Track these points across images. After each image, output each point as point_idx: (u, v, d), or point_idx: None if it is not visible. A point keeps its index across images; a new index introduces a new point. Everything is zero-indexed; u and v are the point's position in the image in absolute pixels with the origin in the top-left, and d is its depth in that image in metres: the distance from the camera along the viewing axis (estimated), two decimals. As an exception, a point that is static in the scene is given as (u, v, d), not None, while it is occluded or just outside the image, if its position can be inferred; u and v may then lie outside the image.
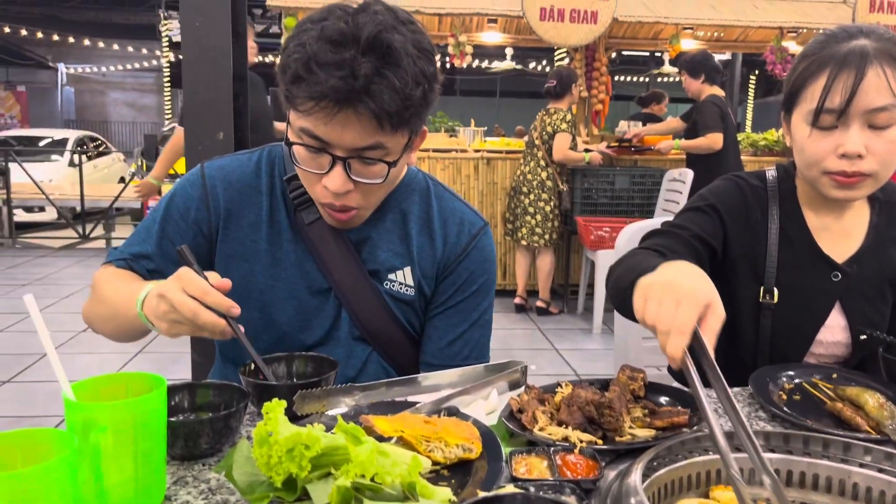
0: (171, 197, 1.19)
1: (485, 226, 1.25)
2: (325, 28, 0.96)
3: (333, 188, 1.02)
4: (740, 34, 6.03)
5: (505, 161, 5.29)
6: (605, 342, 4.43)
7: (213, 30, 2.61)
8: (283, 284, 1.17)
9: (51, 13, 19.25)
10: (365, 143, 0.99)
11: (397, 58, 0.95)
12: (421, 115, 1.02)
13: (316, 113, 0.96)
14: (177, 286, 0.92)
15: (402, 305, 1.20)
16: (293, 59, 0.96)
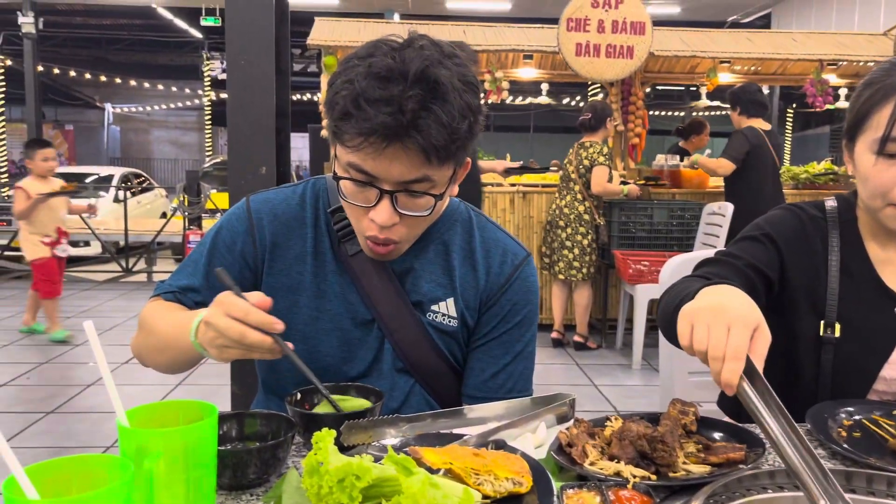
0: (218, 230, 1.21)
1: (527, 256, 1.25)
2: (373, 64, 0.96)
3: (380, 221, 1.02)
4: (778, 67, 5.98)
5: (541, 195, 5.28)
6: (646, 378, 4.35)
7: (257, 67, 2.68)
8: (327, 316, 1.17)
9: (99, 55, 20.00)
10: (412, 176, 0.99)
11: (444, 92, 0.96)
12: (466, 147, 1.03)
13: (365, 148, 0.97)
14: (219, 311, 0.92)
15: (445, 337, 1.19)
16: (341, 96, 0.97)
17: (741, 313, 0.82)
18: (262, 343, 0.91)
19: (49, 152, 5.08)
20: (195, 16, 13.60)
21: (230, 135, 2.72)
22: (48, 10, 14.20)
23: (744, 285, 1.19)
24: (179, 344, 1.03)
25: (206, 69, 16.64)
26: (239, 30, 2.61)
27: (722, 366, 0.78)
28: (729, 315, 0.82)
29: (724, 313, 0.82)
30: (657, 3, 11.93)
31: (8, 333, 5.14)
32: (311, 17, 5.49)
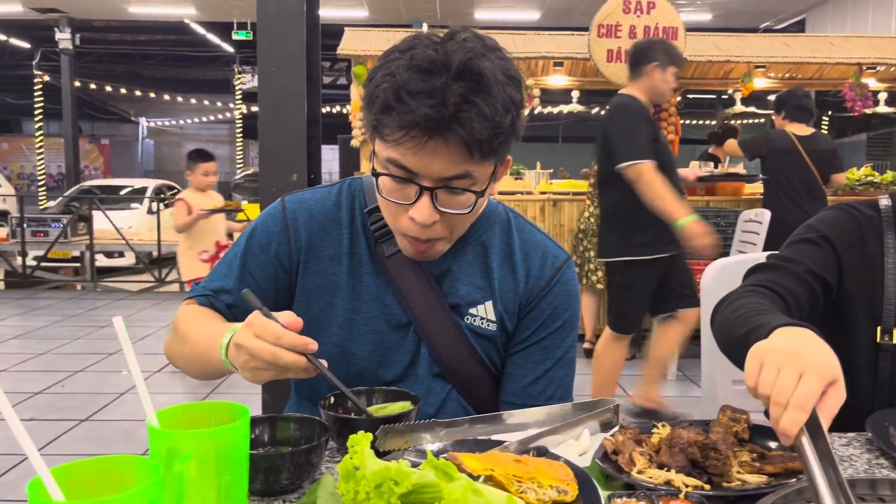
0: (252, 231, 1.19)
1: (568, 259, 1.21)
2: (415, 56, 0.94)
3: (420, 219, 0.99)
4: (815, 72, 5.86)
5: (571, 203, 5.22)
6: (682, 389, 4.25)
7: (288, 75, 2.68)
8: (362, 318, 1.14)
9: (134, 70, 20.41)
10: (453, 172, 0.97)
11: (487, 85, 0.93)
12: (508, 142, 1.00)
13: (405, 142, 0.94)
14: (250, 333, 0.90)
15: (483, 341, 1.16)
16: (382, 89, 0.95)
17: (818, 362, 0.77)
18: (296, 364, 0.89)
19: (210, 166, 4.76)
20: (227, 30, 13.82)
21: (262, 142, 2.73)
22: (85, 27, 14.52)
23: (804, 292, 1.13)
24: (210, 357, 1.01)
25: (237, 83, 16.89)
26: (270, 36, 2.62)
27: (783, 413, 0.74)
28: (804, 362, 0.77)
29: (799, 359, 0.77)
30: (688, 10, 11.82)
31: (44, 342, 5.22)
32: (340, 30, 5.52)
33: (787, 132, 4.41)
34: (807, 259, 1.17)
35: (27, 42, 16.38)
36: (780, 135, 4.43)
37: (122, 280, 8.26)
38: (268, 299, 1.14)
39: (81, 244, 7.66)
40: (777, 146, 4.40)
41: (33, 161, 18.96)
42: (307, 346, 0.89)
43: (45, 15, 12.94)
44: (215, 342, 0.97)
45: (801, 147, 4.36)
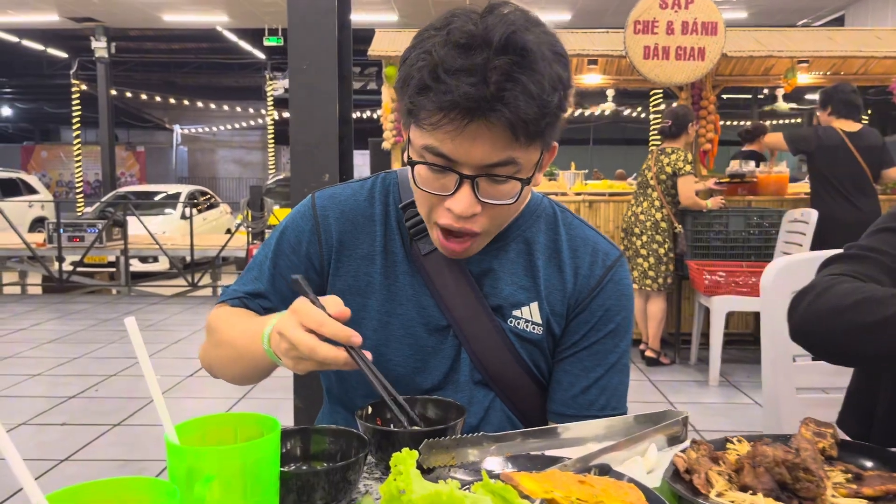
0: (282, 231, 1.12)
1: (620, 256, 1.11)
2: (452, 32, 0.86)
3: (459, 210, 0.91)
4: (860, 66, 5.65)
5: (608, 204, 5.10)
6: (725, 395, 4.10)
7: (320, 73, 2.62)
8: (398, 321, 1.06)
9: (168, 79, 20.73)
10: (496, 158, 0.88)
11: (532, 60, 0.85)
12: (555, 125, 0.91)
13: (444, 126, 0.86)
14: (293, 321, 0.83)
15: (529, 346, 1.07)
16: (417, 68, 0.87)
17: None
18: (335, 359, 0.82)
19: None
20: (258, 37, 13.93)
21: (293, 142, 2.67)
22: (120, 36, 14.75)
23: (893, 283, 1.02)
24: (252, 353, 0.94)
25: (269, 89, 17.02)
26: (301, 32, 2.56)
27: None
28: None
29: None
30: (723, 8, 11.56)
31: (78, 346, 5.24)
32: (370, 35, 5.46)
33: (835, 128, 4.25)
34: (893, 249, 1.06)
35: (65, 52, 16.70)
36: (829, 131, 4.27)
37: (156, 284, 8.31)
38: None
39: (116, 249, 7.73)
40: (826, 143, 4.25)
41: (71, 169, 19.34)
42: (350, 338, 0.83)
43: (80, 24, 13.17)
44: (257, 335, 0.91)
45: (851, 143, 4.20)
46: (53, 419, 3.63)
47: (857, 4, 11.66)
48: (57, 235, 7.52)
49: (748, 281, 4.21)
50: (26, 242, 7.57)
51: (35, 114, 25.58)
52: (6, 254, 7.88)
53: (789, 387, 1.48)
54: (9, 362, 4.78)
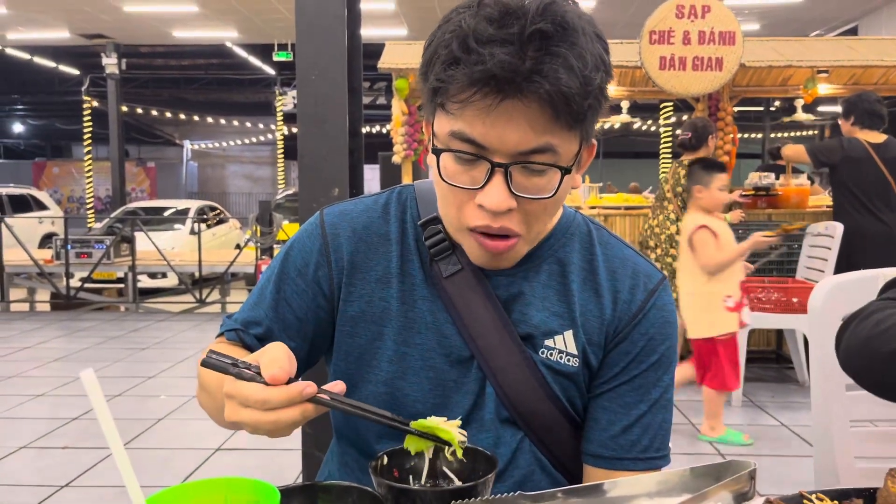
0: (288, 251, 1.00)
1: (663, 279, 0.99)
2: (484, 4, 0.78)
3: (492, 204, 0.81)
4: (881, 76, 5.52)
5: (624, 218, 4.98)
6: (749, 416, 3.95)
7: (329, 84, 2.52)
8: (416, 351, 0.94)
9: (178, 94, 20.83)
10: (533, 143, 0.79)
11: (573, 34, 0.77)
12: (598, 111, 0.82)
13: (475, 103, 0.77)
14: (237, 407, 0.72)
15: (563, 380, 0.95)
16: (444, 43, 0.78)
17: None
18: (301, 418, 0.71)
19: (724, 178, 3.39)
20: (268, 52, 13.95)
21: (301, 155, 2.57)
22: (131, 53, 14.83)
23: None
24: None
25: (278, 104, 17.07)
26: (309, 42, 2.46)
27: None
28: None
29: None
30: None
31: (83, 365, 5.12)
32: (379, 50, 5.39)
33: (859, 139, 4.10)
34: None
35: (76, 68, 16.82)
36: (854, 142, 4.11)
37: (164, 301, 8.24)
38: (307, 331, 0.97)
39: (125, 265, 7.67)
40: (851, 154, 4.08)
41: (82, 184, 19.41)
42: (302, 393, 0.71)
43: (91, 41, 13.23)
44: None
45: (876, 155, 4.05)
46: (54, 442, 3.52)
47: (871, 15, 11.56)
48: (65, 252, 7.47)
49: (770, 297, 4.08)
50: (34, 259, 7.52)
51: (47, 130, 25.78)
52: (15, 270, 7.83)
53: (843, 419, 1.35)
54: (12, 382, 4.69)
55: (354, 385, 0.96)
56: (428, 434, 0.77)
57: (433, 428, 0.77)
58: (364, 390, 0.96)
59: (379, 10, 11.03)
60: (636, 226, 4.91)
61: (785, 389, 4.42)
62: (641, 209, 5.03)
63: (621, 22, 11.76)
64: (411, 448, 0.78)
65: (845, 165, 4.12)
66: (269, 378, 0.70)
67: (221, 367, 0.72)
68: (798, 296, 4.03)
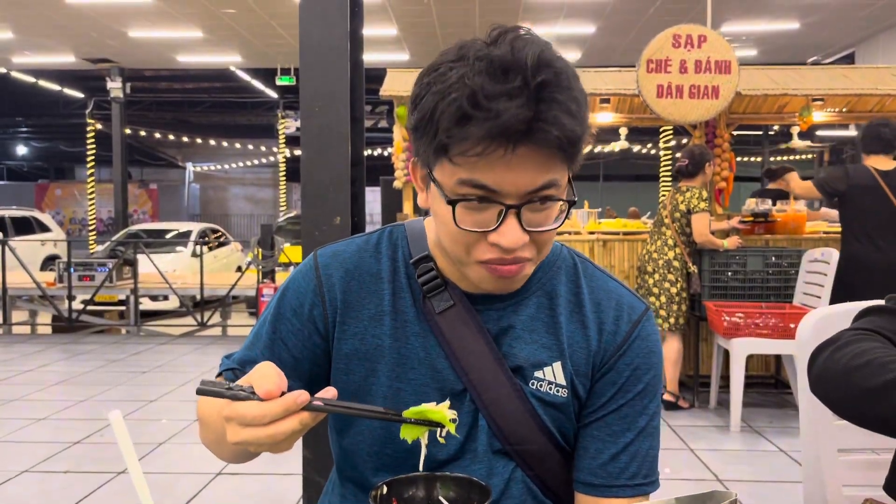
0: (284, 292, 1.04)
1: (647, 310, 1.03)
2: (478, 58, 0.82)
3: (509, 243, 0.85)
4: (875, 104, 5.60)
5: (622, 243, 5.02)
6: (747, 442, 3.96)
7: (331, 115, 2.58)
8: (410, 387, 0.98)
9: (182, 117, 21.01)
10: (540, 182, 0.84)
11: (566, 78, 0.83)
12: (584, 145, 0.88)
13: (488, 155, 0.81)
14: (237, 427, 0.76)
15: (552, 411, 0.98)
16: (450, 101, 0.81)
17: None
18: (300, 427, 0.76)
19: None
20: (270, 76, 14.12)
21: (304, 184, 2.62)
22: (135, 76, 14.99)
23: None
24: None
25: (280, 127, 17.21)
26: (313, 74, 2.53)
27: None
28: None
29: None
30: (733, 46, 11.62)
31: (85, 388, 5.17)
32: (381, 74, 5.48)
33: (867, 167, 4.08)
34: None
35: (80, 91, 16.98)
36: (860, 170, 4.09)
37: (165, 324, 8.26)
38: (303, 369, 1.00)
39: (126, 288, 7.70)
40: (857, 182, 4.05)
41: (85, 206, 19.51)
42: (297, 401, 0.75)
43: (97, 65, 13.38)
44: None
45: (884, 182, 4.02)
46: (56, 466, 3.54)
47: (867, 41, 11.70)
48: (67, 275, 7.51)
49: (768, 322, 4.11)
50: (37, 282, 7.56)
51: (50, 152, 25.96)
52: (17, 293, 7.87)
53: (831, 448, 1.38)
54: (14, 405, 4.71)
55: (351, 419, 1.00)
56: (420, 420, 0.82)
57: (424, 412, 0.82)
58: (360, 424, 1.00)
59: (381, 36, 11.19)
60: (634, 251, 4.95)
61: (784, 415, 4.44)
62: (640, 234, 5.08)
63: (620, 48, 11.92)
64: (408, 437, 0.83)
65: (852, 193, 4.08)
66: (263, 394, 0.75)
67: (216, 393, 0.76)
68: (795, 321, 4.06)
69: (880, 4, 9.74)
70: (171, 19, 10.45)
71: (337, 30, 2.51)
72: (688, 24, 4.88)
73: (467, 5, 9.78)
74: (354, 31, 2.67)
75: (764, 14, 10.33)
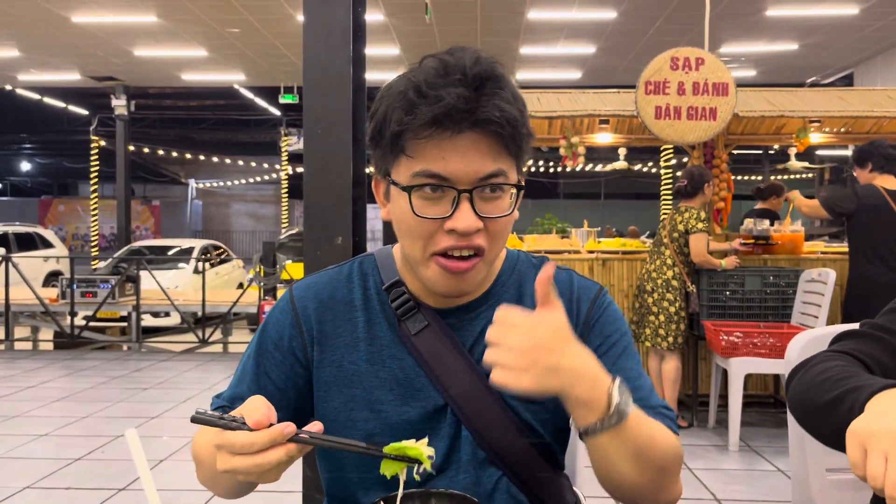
0: (264, 328, 1.09)
1: (602, 289, 1.10)
2: (424, 66, 0.94)
3: (464, 226, 0.92)
4: (872, 126, 5.66)
5: (621, 262, 5.06)
6: (745, 461, 3.98)
7: (334, 137, 2.63)
8: (390, 407, 1.02)
9: (185, 134, 21.13)
10: (488, 169, 0.93)
11: (503, 80, 0.94)
12: (529, 143, 0.97)
13: (435, 138, 0.91)
14: (227, 455, 0.82)
15: (533, 406, 1.02)
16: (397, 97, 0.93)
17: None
18: (286, 458, 0.81)
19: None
20: (274, 94, 14.23)
21: (307, 205, 2.67)
22: (140, 94, 15.11)
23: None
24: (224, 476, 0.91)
25: (283, 144, 17.31)
26: (316, 98, 2.59)
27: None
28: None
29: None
30: (732, 66, 11.74)
31: (87, 405, 5.19)
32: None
33: (875, 186, 4.10)
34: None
35: (85, 109, 17.12)
36: (869, 189, 4.10)
37: (166, 341, 8.29)
38: (289, 399, 1.05)
39: (129, 305, 7.74)
40: (866, 202, 4.07)
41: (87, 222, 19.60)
42: (283, 432, 0.80)
43: (102, 83, 13.51)
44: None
45: (893, 202, 4.04)
46: (59, 483, 3.56)
47: (866, 63, 11.81)
48: (70, 291, 7.55)
49: (766, 342, 4.14)
50: (40, 298, 7.60)
51: (54, 168, 26.10)
52: (19, 309, 7.90)
53: (818, 468, 1.41)
54: (16, 422, 4.73)
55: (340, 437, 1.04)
56: (399, 456, 0.86)
57: (403, 448, 0.87)
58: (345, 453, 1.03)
59: (383, 56, 11.30)
60: (634, 270, 4.99)
61: (782, 434, 4.45)
62: (639, 254, 5.12)
63: (620, 68, 12.03)
64: (387, 472, 0.87)
65: (862, 213, 4.09)
66: (252, 424, 0.80)
67: (209, 422, 0.81)
68: (792, 341, 4.08)
69: (877, 26, 9.85)
70: (177, 38, 10.57)
71: (340, 55, 2.57)
72: (686, 46, 4.94)
73: (469, 26, 9.90)
74: (357, 55, 2.73)
75: (763, 35, 10.44)
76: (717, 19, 9.21)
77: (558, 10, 9.37)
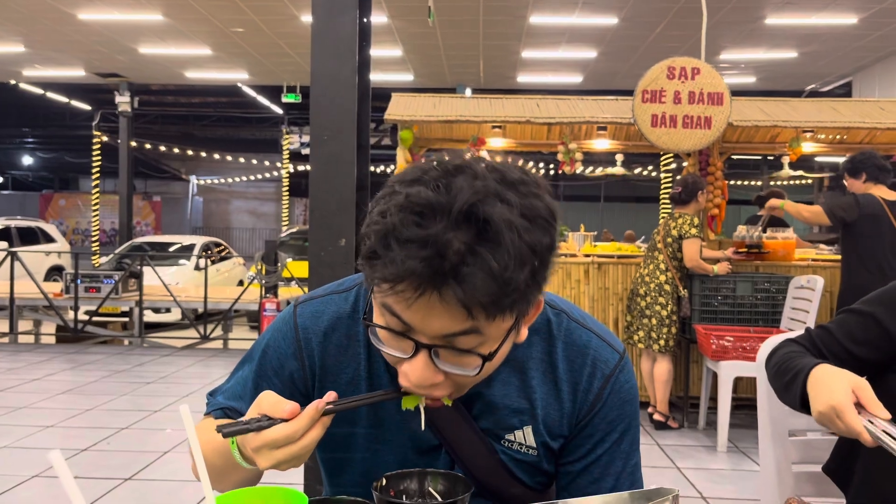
0: (265, 350, 1.08)
1: (620, 360, 1.04)
2: (411, 195, 0.78)
3: (415, 380, 0.86)
4: (865, 136, 5.78)
5: (616, 266, 5.17)
6: (733, 462, 4.09)
7: (339, 143, 2.74)
8: (388, 447, 1.06)
9: (187, 131, 21.21)
10: (456, 328, 0.81)
11: (496, 233, 0.76)
12: (529, 297, 0.83)
13: (398, 294, 0.79)
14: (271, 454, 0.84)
15: (525, 465, 1.05)
16: (372, 230, 0.80)
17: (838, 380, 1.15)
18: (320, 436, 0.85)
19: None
20: (276, 93, 14.33)
21: (311, 208, 2.78)
22: (143, 90, 15.21)
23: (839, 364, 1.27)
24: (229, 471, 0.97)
25: (285, 143, 17.39)
26: (322, 106, 2.69)
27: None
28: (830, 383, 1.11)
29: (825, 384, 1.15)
30: (732, 73, 11.87)
31: (90, 398, 5.29)
32: (386, 94, 5.66)
33: (874, 196, 4.19)
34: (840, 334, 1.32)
35: (88, 104, 17.20)
36: (869, 198, 4.17)
37: (168, 336, 8.39)
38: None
39: (131, 300, 7.84)
40: (867, 211, 4.14)
41: (88, 217, 19.70)
42: (318, 408, 0.85)
43: (106, 79, 13.60)
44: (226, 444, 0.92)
45: (890, 212, 4.13)
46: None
47: (864, 71, 11.91)
48: (74, 286, 7.65)
49: (756, 346, 4.24)
50: (44, 293, 7.70)
51: (56, 163, 26.17)
52: (23, 303, 8.00)
53: (785, 460, 1.52)
54: (22, 413, 4.84)
55: (341, 469, 1.09)
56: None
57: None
58: (344, 476, 1.09)
59: (386, 57, 11.41)
60: (628, 274, 5.10)
61: (770, 436, 4.55)
62: (634, 258, 5.23)
63: (621, 72, 12.14)
64: (410, 406, 0.93)
65: (863, 222, 4.16)
66: (287, 414, 0.84)
67: (241, 430, 0.82)
68: (781, 346, 4.19)
69: (875, 35, 9.96)
70: (181, 36, 10.67)
71: (346, 65, 2.68)
72: (682, 56, 5.05)
73: (471, 29, 10.00)
74: (362, 63, 2.84)
75: (762, 43, 10.55)
76: (717, 26, 9.33)
77: (560, 15, 9.48)
